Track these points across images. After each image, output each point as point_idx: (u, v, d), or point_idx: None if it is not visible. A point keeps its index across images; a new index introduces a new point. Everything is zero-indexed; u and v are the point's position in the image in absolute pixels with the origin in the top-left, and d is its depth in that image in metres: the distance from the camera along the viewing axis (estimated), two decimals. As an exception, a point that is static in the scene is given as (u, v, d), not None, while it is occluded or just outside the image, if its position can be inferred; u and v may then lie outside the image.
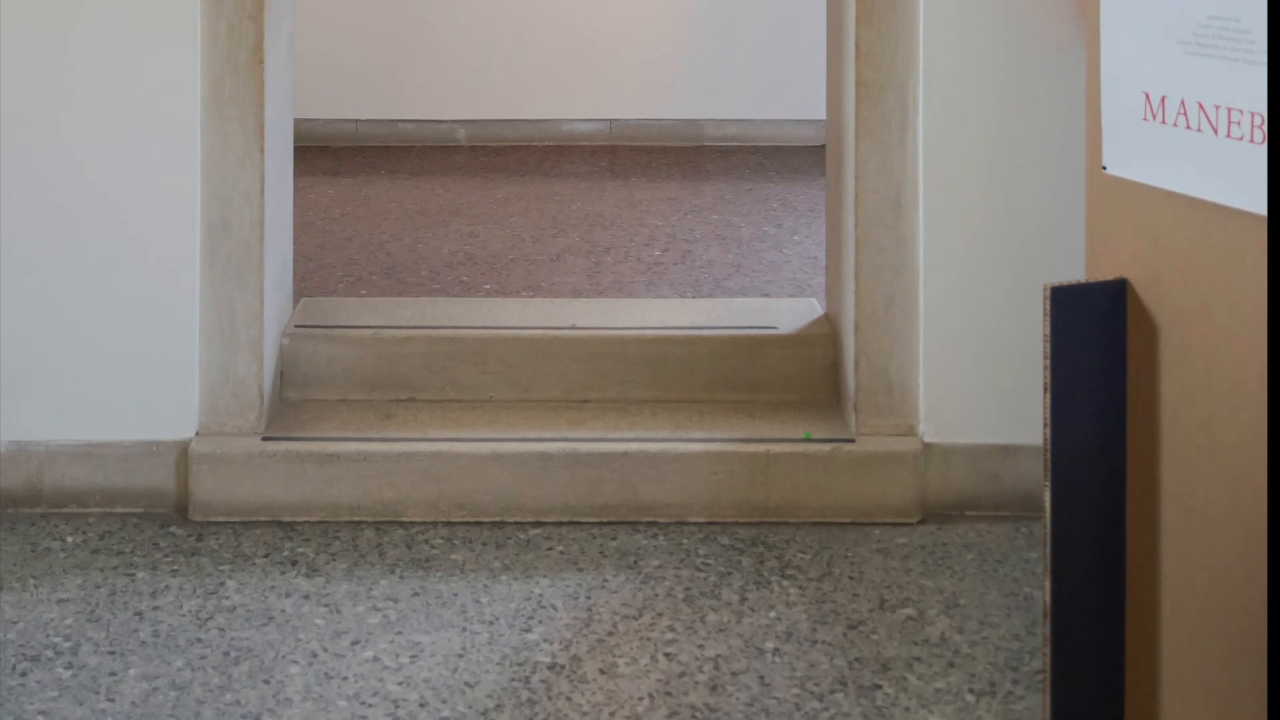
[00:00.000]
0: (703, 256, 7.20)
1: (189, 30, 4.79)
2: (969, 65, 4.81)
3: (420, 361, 5.22)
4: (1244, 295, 3.52)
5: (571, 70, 10.11)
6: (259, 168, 4.86)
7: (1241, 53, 3.50)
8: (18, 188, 4.80)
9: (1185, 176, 3.72)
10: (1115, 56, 3.85)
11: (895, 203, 4.89)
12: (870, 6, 4.84)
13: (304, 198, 8.37)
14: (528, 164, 9.50)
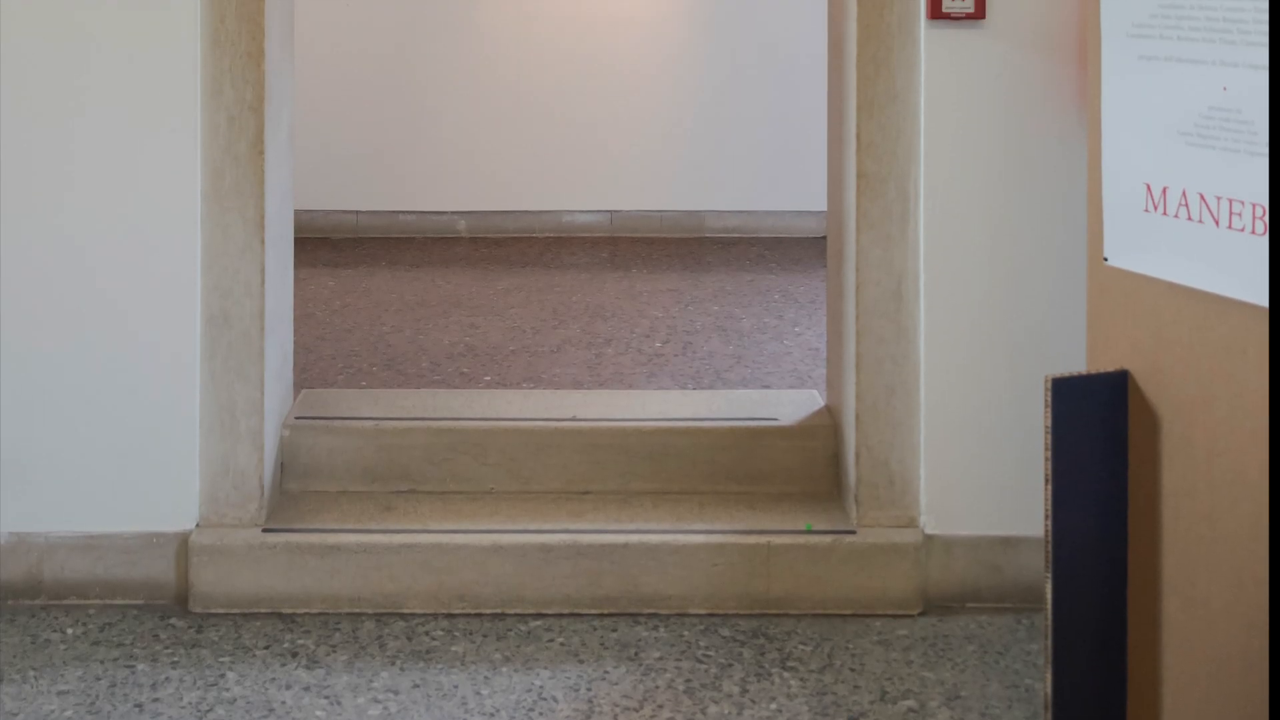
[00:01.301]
0: (704, 348, 7.21)
1: (189, 121, 4.80)
2: (970, 156, 4.83)
3: (421, 453, 5.22)
4: (1245, 387, 3.52)
5: (572, 161, 10.15)
6: (259, 259, 4.87)
7: (1243, 144, 3.51)
8: (19, 277, 4.81)
9: (1186, 268, 3.72)
10: (1116, 148, 3.86)
11: (896, 294, 4.89)
12: (871, 98, 4.86)
13: (304, 289, 8.39)
14: (528, 255, 9.52)
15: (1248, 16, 3.47)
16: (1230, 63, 3.53)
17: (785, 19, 10.00)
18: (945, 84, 4.81)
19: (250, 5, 4.81)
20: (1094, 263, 3.98)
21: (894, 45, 4.83)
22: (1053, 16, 4.77)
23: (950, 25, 4.78)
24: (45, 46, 4.77)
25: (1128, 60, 3.83)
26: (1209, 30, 3.57)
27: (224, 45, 4.80)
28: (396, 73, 10.11)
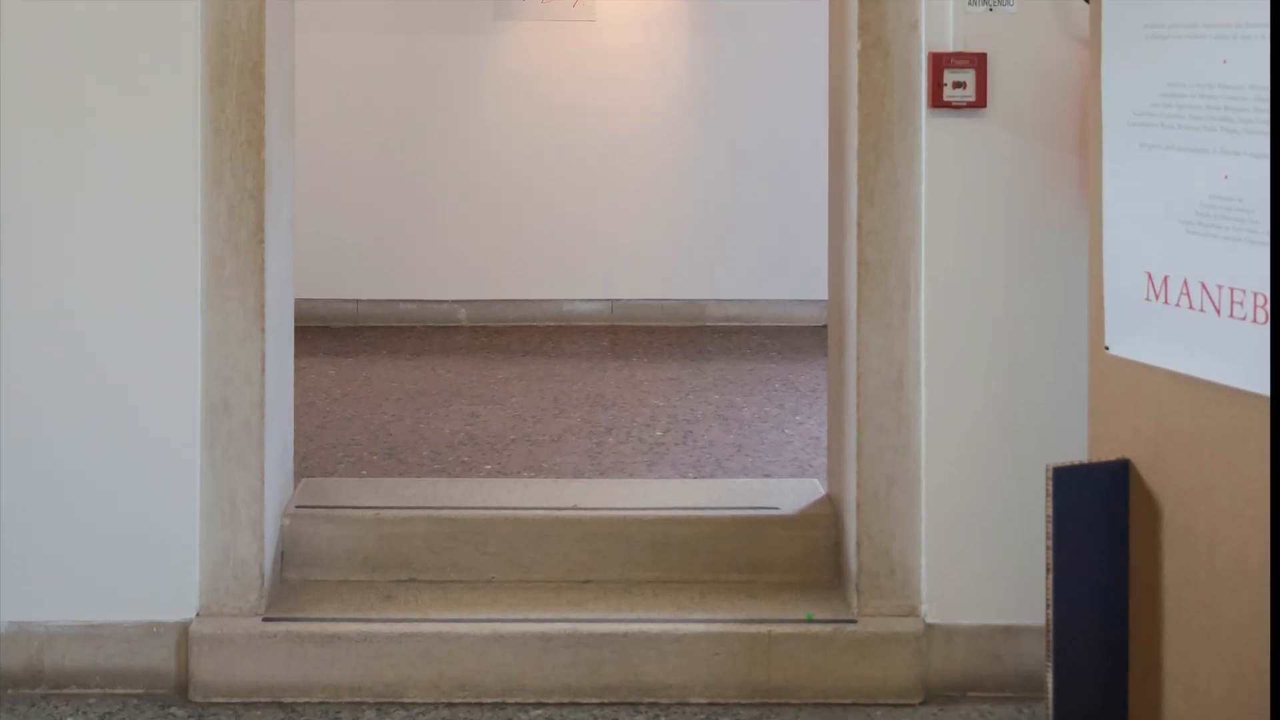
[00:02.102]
0: (704, 437, 7.20)
1: (190, 209, 4.81)
2: (971, 244, 4.84)
3: (421, 542, 5.21)
4: (1247, 476, 3.52)
5: (572, 250, 10.17)
6: (260, 347, 4.87)
7: (1244, 233, 3.51)
8: (19, 363, 4.81)
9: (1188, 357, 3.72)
10: (1118, 236, 3.87)
11: (897, 383, 4.89)
12: (872, 186, 4.87)
13: (305, 377, 8.39)
14: (529, 344, 9.53)
15: (1249, 105, 3.48)
16: (1232, 151, 3.54)
17: (785, 108, 10.04)
18: (946, 172, 4.82)
19: (251, 94, 4.83)
20: (1095, 351, 3.98)
21: (895, 134, 4.84)
22: (1054, 105, 4.79)
23: (951, 114, 4.80)
24: (46, 133, 4.79)
25: (1129, 148, 3.84)
26: (1210, 118, 3.59)
27: (224, 134, 4.82)
28: (397, 161, 10.14)
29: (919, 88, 4.83)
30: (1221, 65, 3.57)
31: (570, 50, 10.09)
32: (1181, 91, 3.68)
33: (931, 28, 4.82)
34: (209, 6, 4.79)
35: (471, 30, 10.06)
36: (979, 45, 4.79)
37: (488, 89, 10.11)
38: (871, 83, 4.85)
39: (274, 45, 4.97)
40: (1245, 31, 3.50)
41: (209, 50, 4.80)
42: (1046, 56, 4.79)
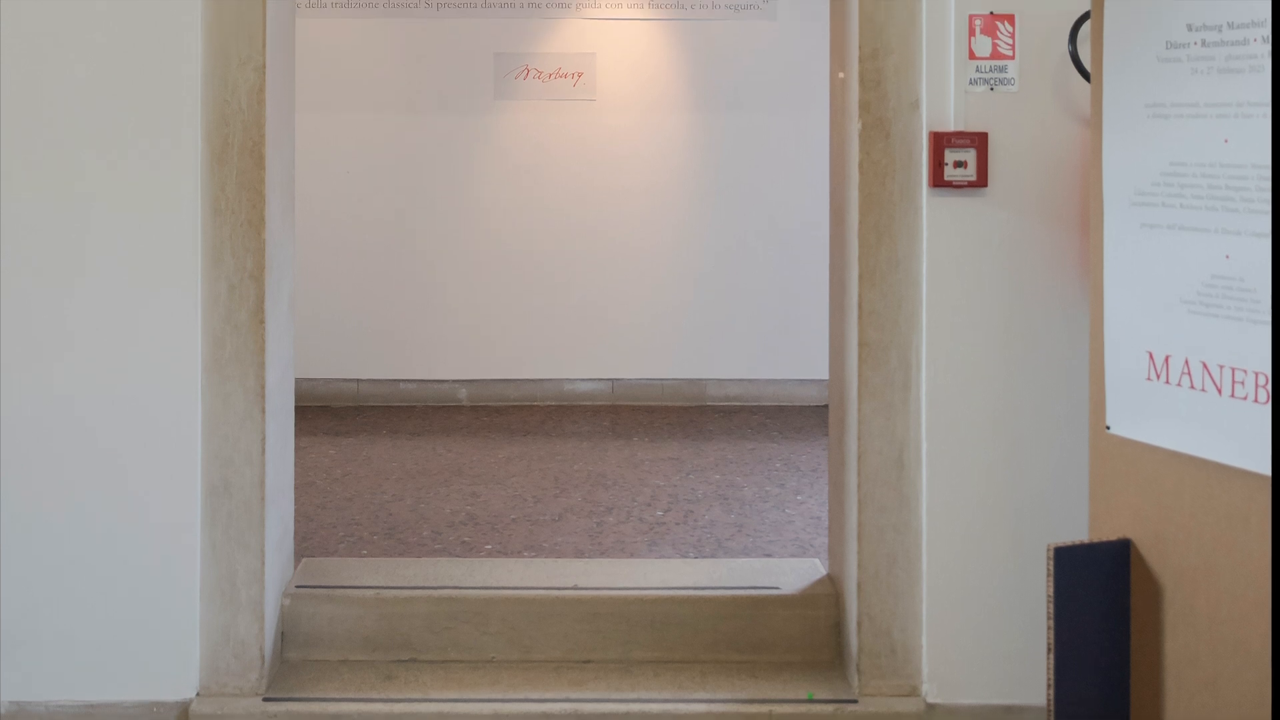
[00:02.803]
0: (705, 516, 7.19)
1: (190, 289, 4.82)
2: (972, 324, 4.84)
3: (422, 622, 5.20)
4: (1248, 555, 3.51)
5: (573, 330, 10.18)
6: (260, 428, 4.87)
7: (1246, 312, 3.52)
8: (19, 443, 4.81)
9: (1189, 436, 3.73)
10: (1119, 315, 3.87)
11: (898, 462, 4.89)
12: (873, 266, 4.88)
13: (305, 457, 8.38)
14: (530, 424, 9.52)
15: (1250, 184, 3.49)
16: (1233, 230, 3.55)
17: (786, 188, 10.06)
18: (947, 252, 4.83)
19: (251, 174, 4.84)
20: (1096, 431, 3.98)
21: (896, 214, 4.85)
22: (1055, 185, 4.80)
23: (952, 193, 4.81)
24: (47, 211, 4.80)
25: (1130, 228, 3.85)
26: (1212, 198, 3.60)
27: (225, 214, 4.83)
28: (397, 241, 10.16)
29: (920, 167, 4.85)
30: (1223, 145, 3.58)
31: (570, 130, 10.12)
32: (1183, 171, 3.69)
33: (932, 107, 4.83)
34: (209, 86, 4.81)
35: (472, 110, 10.10)
36: (980, 125, 4.80)
37: (488, 169, 10.14)
38: (872, 163, 4.87)
39: (274, 125, 4.99)
40: (1247, 111, 3.51)
41: (209, 130, 4.82)
42: (1048, 136, 4.81)
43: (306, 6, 9.86)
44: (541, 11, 10.06)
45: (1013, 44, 4.80)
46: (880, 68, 4.85)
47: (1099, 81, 3.99)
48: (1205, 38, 3.66)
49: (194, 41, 4.81)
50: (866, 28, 4.87)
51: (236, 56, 4.83)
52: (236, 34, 4.82)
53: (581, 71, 10.08)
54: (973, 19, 4.81)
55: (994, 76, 4.80)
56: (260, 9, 4.84)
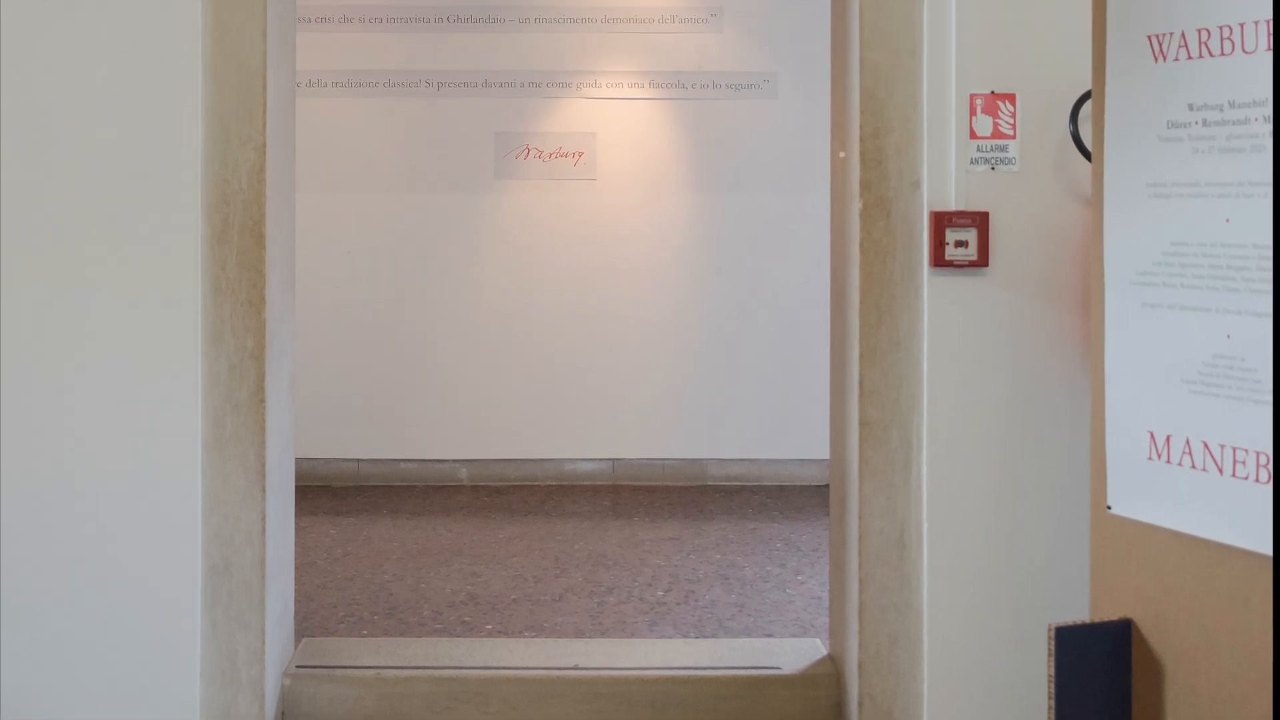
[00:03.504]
0: (706, 596, 7.17)
1: (190, 368, 4.82)
2: (973, 403, 4.84)
3: (422, 702, 5.17)
4: (1249, 636, 3.50)
5: (574, 409, 10.17)
6: (260, 507, 4.86)
7: (1247, 392, 3.52)
8: (18, 522, 4.80)
9: (1190, 516, 3.72)
10: (1120, 395, 3.87)
11: (899, 542, 4.88)
12: (873, 345, 4.88)
13: (305, 537, 8.37)
14: (530, 503, 9.51)
15: (1251, 264, 3.49)
16: (1234, 310, 3.55)
17: (786, 267, 10.07)
18: (948, 331, 4.83)
19: (251, 253, 4.85)
20: (1097, 510, 3.97)
21: (896, 293, 4.86)
22: (1056, 264, 4.81)
23: (953, 273, 4.81)
24: (47, 290, 4.80)
25: (1131, 307, 3.85)
26: (1213, 277, 3.60)
27: (225, 293, 4.83)
28: (397, 321, 10.17)
29: (921, 246, 4.85)
30: (1224, 224, 3.59)
31: (571, 209, 10.14)
32: (1184, 250, 3.69)
33: (933, 186, 4.84)
34: (209, 166, 4.82)
35: (472, 189, 10.12)
36: (981, 204, 4.81)
37: (488, 248, 10.16)
38: (873, 242, 4.88)
39: (275, 204, 5.00)
40: (1248, 190, 3.52)
41: (209, 209, 4.83)
42: (1049, 215, 4.82)
43: (307, 86, 9.89)
44: (542, 91, 10.10)
45: (1013, 123, 4.81)
46: (881, 147, 4.86)
47: (1100, 161, 4.00)
48: (1206, 117, 3.67)
49: (194, 121, 4.82)
50: (867, 106, 4.88)
51: (237, 136, 4.84)
52: (237, 114, 4.84)
53: (582, 151, 10.11)
54: (974, 98, 4.83)
55: (995, 156, 4.81)
56: (260, 89, 4.85)
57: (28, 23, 4.82)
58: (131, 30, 4.82)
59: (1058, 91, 4.79)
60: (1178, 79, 3.77)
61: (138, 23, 4.81)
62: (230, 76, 4.83)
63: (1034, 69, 4.82)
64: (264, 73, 4.86)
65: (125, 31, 4.82)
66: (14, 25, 4.81)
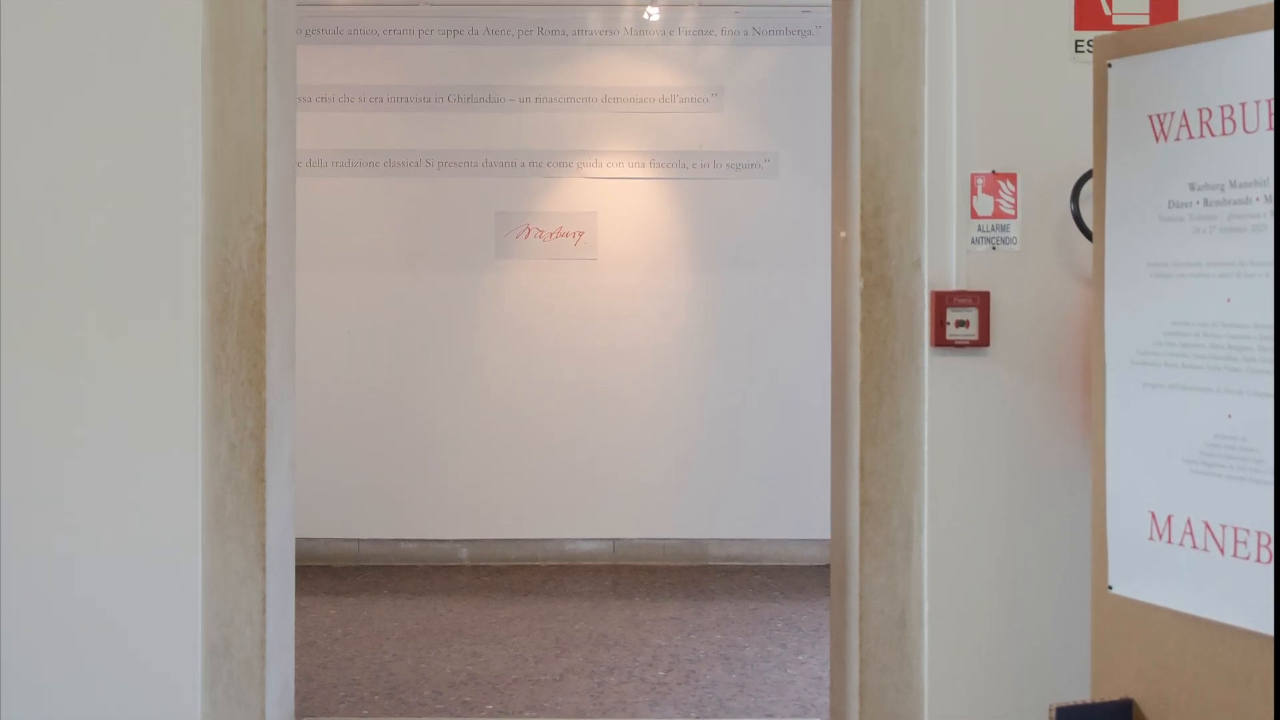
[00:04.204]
0: (706, 676, 7.15)
1: (190, 448, 4.82)
2: (974, 482, 4.83)
3: (422, 782, 5.16)
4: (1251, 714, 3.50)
5: (574, 490, 10.16)
6: (260, 587, 4.85)
7: (1248, 472, 3.52)
8: (18, 602, 4.79)
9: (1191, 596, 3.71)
10: (1121, 475, 3.87)
11: (900, 622, 4.87)
12: (874, 425, 4.88)
13: (306, 617, 8.35)
14: (531, 583, 9.49)
15: (1253, 344, 3.50)
16: (1235, 390, 3.55)
17: (787, 346, 10.08)
18: (949, 411, 4.83)
19: (251, 333, 4.85)
20: (1098, 590, 3.97)
21: (897, 373, 4.86)
22: (1057, 344, 4.81)
23: (954, 352, 4.81)
24: (47, 371, 4.81)
25: (1133, 387, 3.86)
26: (1214, 357, 3.61)
27: (225, 373, 4.83)
28: (398, 401, 10.16)
29: (922, 326, 4.86)
30: (1225, 304, 3.59)
31: (572, 289, 10.15)
32: (1185, 330, 3.70)
33: (934, 266, 4.85)
34: (210, 246, 4.83)
35: (473, 268, 10.14)
36: (982, 284, 4.82)
37: (489, 327, 10.17)
38: (874, 321, 4.88)
39: (275, 284, 5.00)
40: (1249, 270, 3.53)
41: (209, 289, 4.83)
42: (1050, 295, 4.82)
43: (308, 165, 9.92)
44: (543, 170, 10.12)
45: (1014, 203, 4.82)
46: (882, 226, 4.87)
47: (1101, 240, 4.01)
48: (1208, 196, 3.68)
49: (194, 201, 4.83)
50: (868, 186, 4.89)
51: (237, 216, 4.85)
52: (237, 193, 4.85)
53: (583, 230, 10.13)
54: (975, 178, 4.84)
55: (996, 235, 4.82)
56: (261, 168, 4.86)
57: (30, 102, 4.83)
58: (132, 110, 4.83)
59: (1059, 171, 4.80)
60: (1179, 158, 3.78)
61: (139, 103, 4.83)
62: (230, 156, 4.85)
63: (1035, 148, 4.84)
64: (264, 152, 4.87)
65: (126, 111, 4.83)
66: (15, 105, 4.83)
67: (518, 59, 10.09)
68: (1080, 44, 4.81)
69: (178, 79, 4.85)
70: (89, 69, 4.85)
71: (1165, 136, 3.83)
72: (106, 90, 4.84)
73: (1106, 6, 4.81)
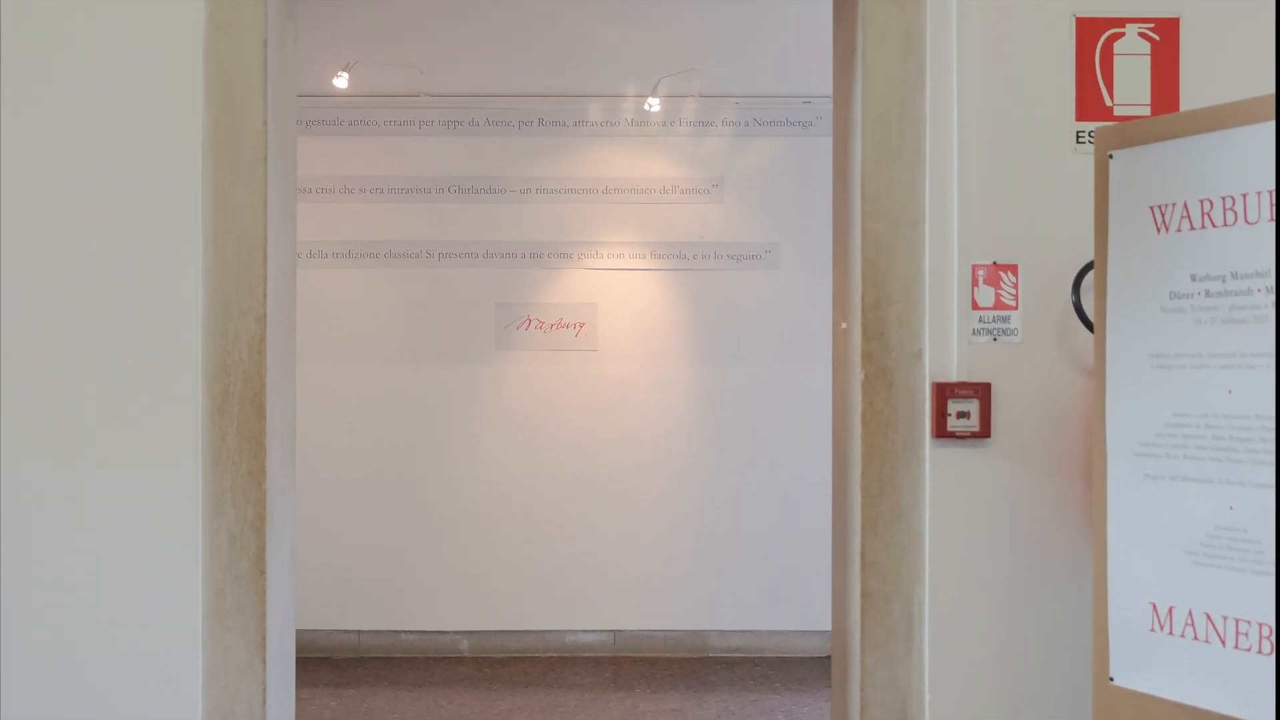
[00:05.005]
0: (708, 769, 7.12)
1: (190, 540, 4.80)
2: (975, 574, 4.82)
3: None
4: (1258, 807, 3.47)
5: (574, 582, 10.13)
6: (260, 679, 4.83)
7: (1249, 563, 3.51)
8: (18, 694, 4.77)
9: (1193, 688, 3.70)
10: (1122, 566, 3.86)
11: (901, 713, 4.84)
12: (875, 516, 4.87)
13: (306, 709, 8.32)
14: (531, 675, 9.46)
15: (1254, 435, 3.49)
16: (1237, 481, 3.55)
17: (788, 438, 10.07)
18: (950, 502, 4.82)
19: (252, 424, 4.85)
20: (1100, 681, 3.95)
21: (898, 464, 4.85)
22: (1058, 435, 4.81)
23: (955, 444, 4.81)
24: (47, 463, 4.80)
25: (1134, 479, 3.85)
26: (1215, 449, 3.60)
27: (225, 464, 4.82)
28: (398, 491, 10.15)
29: (923, 417, 4.85)
30: (1227, 395, 3.59)
31: (572, 380, 10.15)
32: (1186, 421, 3.70)
33: (935, 357, 4.85)
34: (210, 337, 4.83)
35: (474, 360, 10.14)
36: (983, 375, 4.82)
37: (489, 418, 10.16)
38: (875, 413, 4.87)
39: (275, 375, 5.00)
40: (1250, 361, 3.53)
41: (210, 380, 4.83)
42: (1051, 386, 4.82)
43: (308, 257, 9.94)
44: (544, 261, 10.14)
45: (1016, 294, 4.82)
46: (883, 317, 4.87)
47: (1102, 332, 4.01)
48: (1209, 288, 3.68)
49: (195, 292, 4.83)
50: (869, 277, 4.89)
51: (237, 307, 4.85)
52: (237, 285, 4.85)
53: (583, 322, 10.14)
54: (976, 269, 4.84)
55: (997, 327, 4.82)
56: (261, 260, 4.87)
57: (29, 192, 4.84)
58: (133, 201, 4.84)
59: (1060, 262, 4.80)
60: (1180, 249, 3.79)
61: (139, 193, 4.84)
62: (231, 248, 4.85)
63: (1036, 239, 4.84)
64: (264, 244, 4.88)
65: (127, 202, 4.84)
66: (15, 194, 4.84)
67: (519, 150, 10.12)
68: (1081, 135, 4.83)
69: (178, 170, 4.85)
70: (90, 159, 4.86)
71: (1167, 227, 3.84)
72: (107, 180, 4.85)
73: (1108, 97, 4.83)
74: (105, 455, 4.80)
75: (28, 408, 4.80)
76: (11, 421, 4.80)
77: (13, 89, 4.85)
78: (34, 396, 4.80)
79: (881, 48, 4.92)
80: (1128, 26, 4.85)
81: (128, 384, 4.82)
